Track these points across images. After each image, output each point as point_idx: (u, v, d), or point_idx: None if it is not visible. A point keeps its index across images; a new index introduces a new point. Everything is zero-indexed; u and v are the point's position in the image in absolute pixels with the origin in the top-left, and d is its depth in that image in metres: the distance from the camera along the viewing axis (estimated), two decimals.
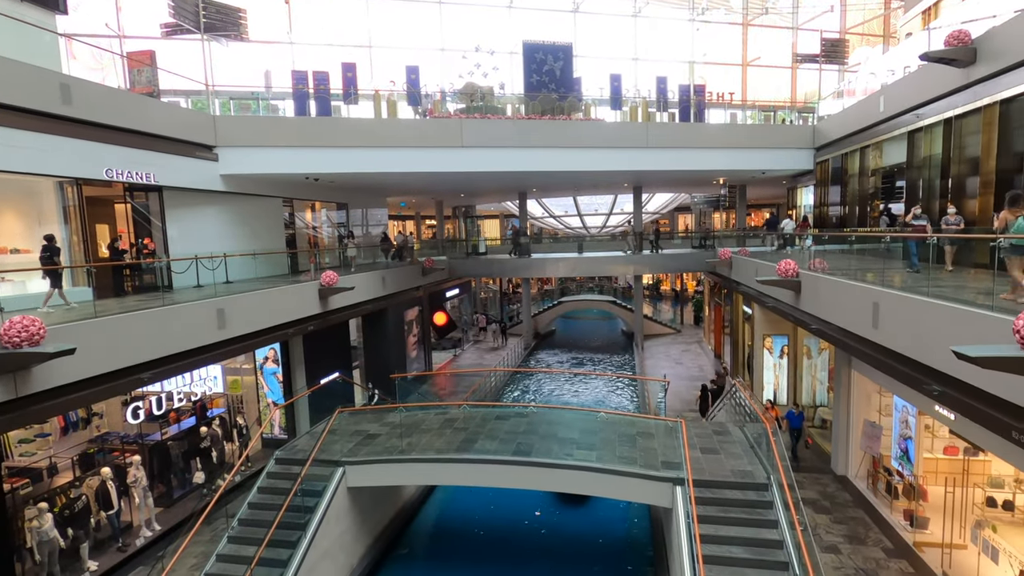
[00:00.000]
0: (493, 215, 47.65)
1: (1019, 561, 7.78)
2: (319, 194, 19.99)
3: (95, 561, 10.16)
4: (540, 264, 26.69)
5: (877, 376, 10.50)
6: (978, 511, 9.00)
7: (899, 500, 10.49)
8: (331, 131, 16.56)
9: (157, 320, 9.76)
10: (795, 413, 13.83)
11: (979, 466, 9.38)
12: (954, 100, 11.42)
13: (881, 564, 9.63)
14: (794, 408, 14.15)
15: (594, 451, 10.80)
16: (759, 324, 17.68)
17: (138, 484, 11.12)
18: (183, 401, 13.66)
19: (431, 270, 22.29)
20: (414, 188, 24.92)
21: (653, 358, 26.14)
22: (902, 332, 7.86)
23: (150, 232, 13.42)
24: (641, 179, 24.31)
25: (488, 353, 28.61)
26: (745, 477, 9.61)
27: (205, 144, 14.77)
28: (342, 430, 12.52)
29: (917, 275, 9.92)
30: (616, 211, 41.61)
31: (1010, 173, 9.96)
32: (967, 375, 6.15)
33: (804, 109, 26.24)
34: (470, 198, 33.79)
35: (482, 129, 17.52)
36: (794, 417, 13.72)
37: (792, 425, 13.64)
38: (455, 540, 13.17)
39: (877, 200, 15.44)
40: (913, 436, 10.00)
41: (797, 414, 13.80)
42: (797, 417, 13.73)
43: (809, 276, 11.60)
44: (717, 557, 8.08)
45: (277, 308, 12.95)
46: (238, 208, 16.05)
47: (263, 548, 8.96)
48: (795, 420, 13.69)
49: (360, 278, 16.44)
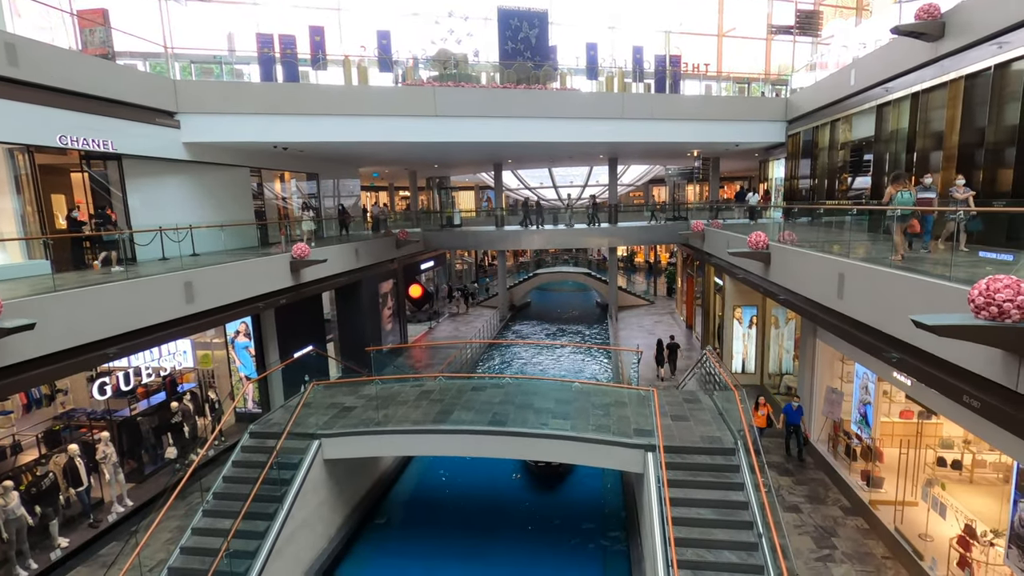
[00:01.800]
0: (468, 186, 47.12)
1: (964, 516, 8.29)
2: (288, 164, 19.43)
3: (66, 538, 10.04)
4: (515, 236, 26.62)
5: (840, 345, 10.89)
6: (929, 470, 9.53)
7: (857, 462, 11.03)
8: (299, 98, 15.99)
9: (121, 294, 9.46)
10: (793, 407, 12.19)
11: (931, 428, 9.90)
12: (922, 74, 11.62)
13: (839, 522, 10.18)
14: (792, 401, 12.50)
15: (569, 420, 11.02)
16: (729, 295, 18.07)
17: (108, 460, 10.94)
18: (152, 376, 13.40)
19: (405, 242, 22.04)
20: (386, 158, 24.39)
21: (627, 329, 26.56)
22: (865, 302, 8.13)
23: (110, 203, 12.89)
24: (617, 150, 24.27)
25: (464, 325, 28.66)
26: (713, 443, 9.95)
27: (166, 110, 14.14)
28: (317, 403, 12.48)
29: (882, 246, 10.18)
30: (592, 183, 41.59)
31: (971, 148, 10.24)
32: (924, 343, 6.42)
33: (777, 82, 26.37)
34: (444, 169, 33.30)
35: (456, 98, 17.16)
36: (791, 412, 12.17)
37: (790, 421, 12.24)
38: (432, 509, 13.39)
39: (845, 173, 15.75)
40: (872, 401, 10.46)
41: (795, 408, 12.18)
42: (795, 412, 12.14)
43: (778, 248, 11.85)
44: (686, 518, 8.40)
45: (247, 281, 12.67)
46: (203, 178, 15.51)
47: (239, 520, 8.96)
48: (793, 416, 12.16)
49: (333, 250, 16.17)
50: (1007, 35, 9.19)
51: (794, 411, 12.16)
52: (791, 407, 12.23)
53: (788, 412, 12.26)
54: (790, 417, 12.19)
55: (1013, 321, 4.77)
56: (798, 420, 12.16)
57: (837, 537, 9.71)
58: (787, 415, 12.26)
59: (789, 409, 12.26)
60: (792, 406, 12.23)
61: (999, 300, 4.77)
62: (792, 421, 12.18)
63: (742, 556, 7.94)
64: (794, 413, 12.17)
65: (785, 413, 12.36)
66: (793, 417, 12.16)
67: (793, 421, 12.17)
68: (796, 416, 12.16)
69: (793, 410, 12.17)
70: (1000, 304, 4.77)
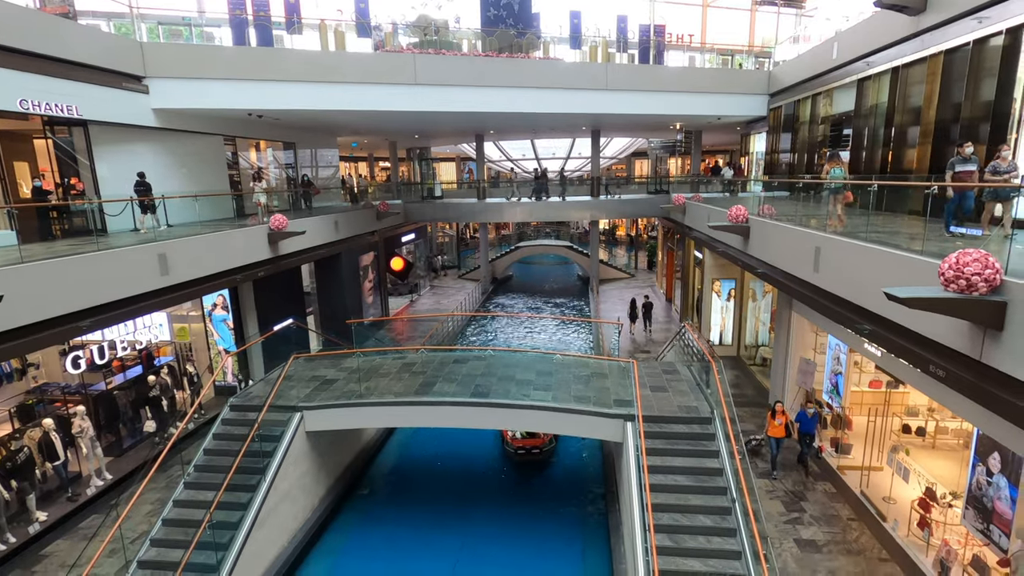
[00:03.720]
0: (449, 157, 46.47)
1: (926, 479, 8.70)
2: (264, 132, 18.87)
3: (44, 512, 9.97)
4: (497, 209, 26.45)
5: (815, 317, 11.15)
6: (894, 437, 9.93)
7: (827, 429, 11.42)
8: (273, 63, 15.45)
9: (92, 266, 9.20)
10: (808, 414, 10.80)
11: (899, 397, 10.27)
12: (902, 49, 11.66)
13: (808, 486, 10.60)
14: (808, 407, 10.97)
15: (550, 391, 11.16)
16: (709, 268, 18.30)
17: (84, 434, 10.82)
18: (127, 350, 13.18)
19: (386, 214, 21.73)
20: (365, 128, 23.84)
21: (608, 302, 26.81)
22: (839, 275, 8.30)
23: (77, 171, 12.42)
24: (600, 122, 24.07)
25: (446, 298, 28.63)
26: (691, 412, 10.20)
27: (133, 74, 13.56)
28: (298, 376, 12.43)
29: (857, 220, 10.34)
30: (574, 155, 41.33)
31: (948, 123, 10.38)
32: (894, 315, 6.61)
33: (761, 54, 26.30)
34: (425, 139, 32.72)
35: (437, 66, 16.74)
36: (806, 420, 10.82)
37: (804, 429, 10.87)
38: (415, 479, 13.58)
39: (825, 148, 15.87)
40: (843, 372, 10.79)
41: (811, 415, 10.80)
42: (810, 420, 10.81)
43: (758, 222, 11.97)
44: (663, 485, 8.66)
45: (224, 253, 12.42)
46: (175, 146, 15.01)
47: (222, 492, 8.97)
48: (807, 423, 10.84)
49: (311, 222, 15.89)
50: (987, 10, 9.25)
51: (809, 419, 10.75)
52: (805, 414, 10.84)
53: (802, 419, 10.85)
54: (804, 425, 10.81)
55: (980, 294, 4.93)
56: (813, 428, 10.80)
57: (806, 501, 10.12)
58: (800, 423, 10.89)
59: (804, 416, 10.85)
60: (807, 413, 10.79)
61: (968, 274, 4.91)
62: (806, 430, 10.81)
63: (716, 520, 8.23)
64: (809, 421, 10.76)
65: (799, 421, 10.96)
66: (808, 425, 10.78)
67: (807, 430, 10.80)
68: (811, 424, 10.78)
69: (808, 417, 10.75)
70: (968, 277, 4.91)
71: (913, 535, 8.53)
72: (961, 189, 7.58)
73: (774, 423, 10.79)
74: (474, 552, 10.81)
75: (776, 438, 10.83)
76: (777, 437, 10.83)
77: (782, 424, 10.77)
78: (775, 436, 10.82)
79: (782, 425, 10.78)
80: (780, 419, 10.78)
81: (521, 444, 13.33)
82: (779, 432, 10.80)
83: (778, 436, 10.81)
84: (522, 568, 10.36)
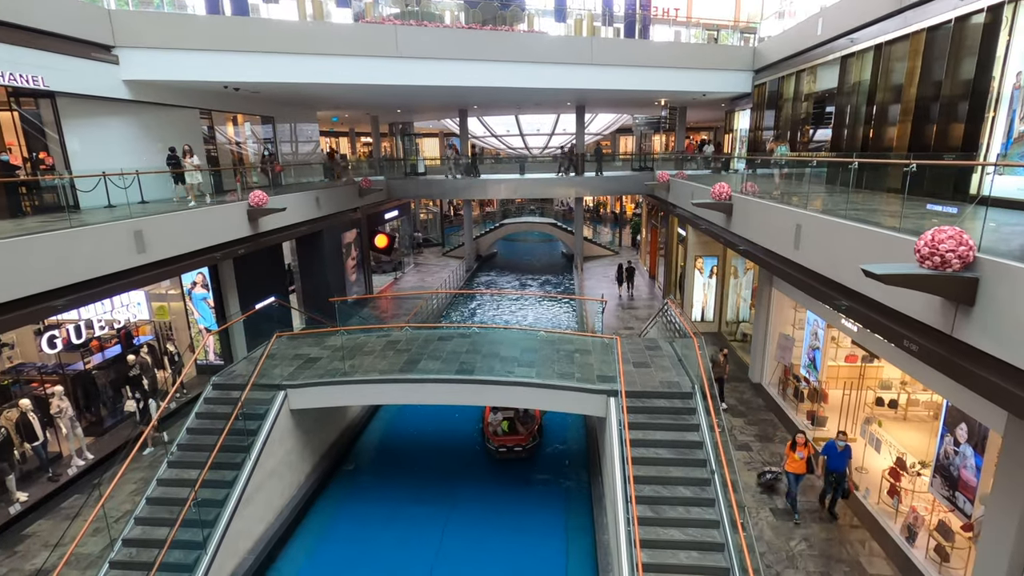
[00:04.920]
0: (432, 133, 45.78)
1: (896, 450, 9.01)
2: (241, 106, 18.36)
3: (24, 492, 9.88)
4: (482, 186, 26.22)
5: (795, 293, 11.34)
6: (868, 409, 10.23)
7: (804, 403, 11.73)
8: (249, 34, 14.93)
9: (66, 243, 8.96)
10: (838, 448, 8.81)
11: (873, 371, 10.56)
12: (886, 26, 11.66)
13: (783, 457, 10.89)
14: (839, 439, 8.91)
15: (534, 368, 11.26)
16: (692, 246, 18.44)
17: (63, 415, 10.67)
18: (105, 329, 12.95)
19: (368, 191, 21.44)
20: (346, 102, 23.32)
21: (592, 279, 26.94)
22: (819, 253, 8.43)
23: (46, 145, 12.00)
24: (585, 97, 23.82)
25: (430, 276, 28.52)
26: (672, 387, 10.39)
27: (102, 43, 13.03)
28: (281, 354, 12.36)
29: (837, 198, 10.49)
30: (559, 131, 40.97)
31: (928, 101, 10.46)
32: (871, 291, 6.75)
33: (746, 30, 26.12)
34: (408, 114, 32.14)
35: (419, 38, 16.35)
36: (836, 454, 8.83)
37: (831, 466, 8.89)
38: (400, 455, 13.70)
39: (807, 125, 15.94)
40: (820, 347, 11.04)
41: (841, 449, 8.80)
42: (840, 455, 8.81)
43: (740, 199, 12.05)
44: (645, 458, 8.85)
45: (202, 230, 12.17)
46: (148, 119, 14.54)
47: (206, 470, 8.97)
48: (837, 459, 8.83)
49: (292, 199, 15.60)
50: None
51: (839, 453, 8.81)
52: (834, 447, 8.85)
53: (830, 453, 8.90)
54: (832, 461, 8.88)
55: (954, 270, 5.04)
56: (843, 466, 8.83)
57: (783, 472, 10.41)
58: (828, 457, 8.94)
59: (832, 450, 8.87)
60: (836, 446, 8.83)
61: (942, 251, 5.02)
62: (835, 467, 8.87)
63: (695, 491, 8.47)
64: (838, 456, 8.81)
65: (825, 454, 8.99)
66: (837, 461, 8.84)
67: (837, 467, 8.86)
68: (841, 460, 8.82)
69: (838, 452, 8.82)
70: (943, 254, 5.02)
71: (883, 503, 8.87)
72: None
73: (794, 456, 9.08)
74: (460, 523, 11.01)
75: (796, 474, 9.15)
76: (797, 473, 9.14)
77: (804, 458, 9.05)
78: (794, 472, 9.14)
79: (803, 460, 9.05)
80: (801, 452, 9.05)
81: (502, 442, 12.94)
82: (799, 467, 9.10)
83: (798, 472, 9.12)
84: (507, 538, 10.59)
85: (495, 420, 13.48)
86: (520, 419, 13.58)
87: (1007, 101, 8.54)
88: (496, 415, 13.59)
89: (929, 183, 9.23)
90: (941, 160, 9.52)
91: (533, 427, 13.40)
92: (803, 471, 9.15)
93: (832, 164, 12.65)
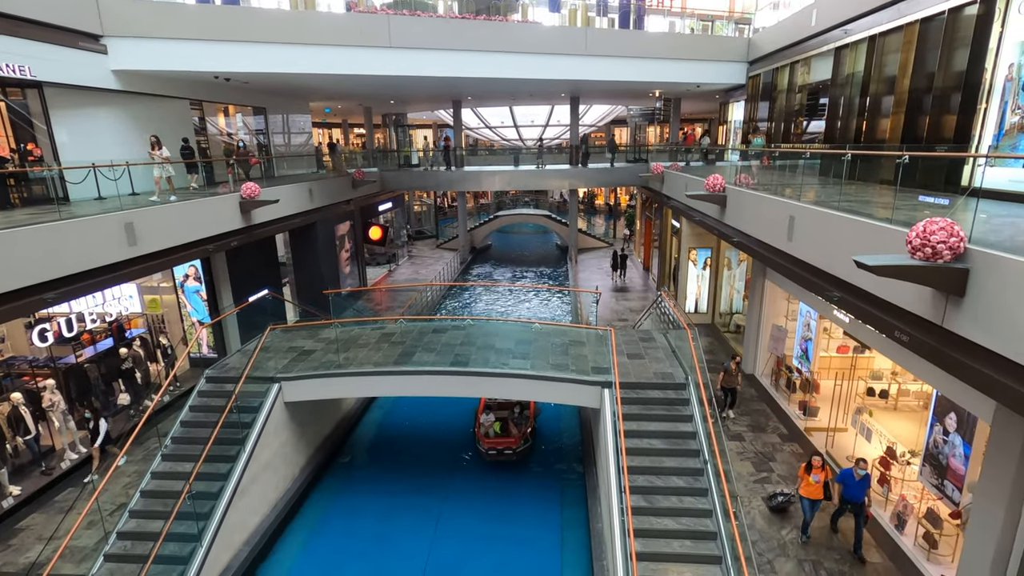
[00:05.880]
0: (426, 124, 45.50)
1: (887, 439, 9.11)
2: (232, 97, 18.16)
3: (17, 486, 9.84)
4: (476, 177, 26.13)
5: (788, 285, 11.40)
6: (859, 400, 10.34)
7: (796, 393, 11.83)
8: (239, 23, 14.75)
9: (55, 236, 8.86)
10: (856, 476, 7.96)
11: (864, 362, 10.66)
12: (879, 17, 11.66)
13: (776, 447, 11.02)
14: (857, 467, 7.99)
15: (529, 359, 11.29)
16: (686, 237, 18.47)
17: (55, 408, 10.62)
18: (96, 322, 12.86)
19: (362, 183, 21.32)
20: (339, 92, 23.11)
21: (586, 271, 26.97)
22: (812, 244, 8.47)
23: (34, 136, 11.84)
24: (579, 89, 23.73)
25: (424, 268, 28.45)
26: (666, 378, 10.44)
27: (90, 33, 12.84)
28: (275, 347, 12.32)
29: (831, 190, 10.51)
30: (553, 123, 40.81)
31: (921, 92, 10.48)
32: (863, 282, 6.79)
33: (741, 21, 26.01)
34: (401, 105, 31.90)
35: (412, 28, 16.20)
36: (853, 484, 7.99)
37: (848, 496, 8.09)
38: (395, 447, 13.73)
39: (801, 117, 15.96)
40: (813, 338, 11.12)
41: (860, 478, 7.95)
42: (858, 484, 7.97)
43: (734, 191, 12.07)
44: (639, 449, 8.91)
45: (194, 222, 12.07)
46: (138, 110, 14.37)
47: (200, 463, 8.95)
48: (855, 488, 8.00)
49: (285, 191, 15.50)
50: None
51: (857, 481, 7.98)
52: (851, 475, 8.00)
53: (846, 481, 8.08)
54: (849, 490, 8.07)
55: (944, 261, 5.08)
56: (861, 496, 8.02)
57: (774, 461, 10.54)
58: (844, 484, 8.13)
59: (849, 477, 8.04)
60: (854, 474, 7.98)
61: (933, 242, 5.05)
62: (852, 496, 8.07)
63: (689, 481, 8.54)
64: (856, 485, 7.98)
65: (841, 482, 8.20)
66: (854, 491, 8.02)
67: (854, 497, 8.05)
68: (859, 490, 8.00)
69: (855, 480, 7.98)
70: (934, 245, 5.05)
71: (873, 491, 8.98)
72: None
73: (809, 480, 8.35)
74: (456, 512, 11.07)
75: (811, 499, 8.43)
76: (813, 498, 8.42)
77: (820, 482, 8.32)
78: (810, 497, 8.41)
79: (820, 484, 8.33)
80: (818, 476, 8.33)
81: (493, 444, 12.47)
82: (815, 492, 8.37)
83: (814, 497, 8.40)
84: (502, 528, 10.65)
85: (487, 421, 12.84)
86: (513, 420, 13.02)
87: (999, 93, 8.56)
88: (488, 416, 12.93)
89: (921, 175, 9.28)
90: (933, 152, 9.56)
91: (526, 429, 12.89)
92: (819, 496, 8.36)
93: (825, 156, 12.68)
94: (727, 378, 11.97)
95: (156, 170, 12.44)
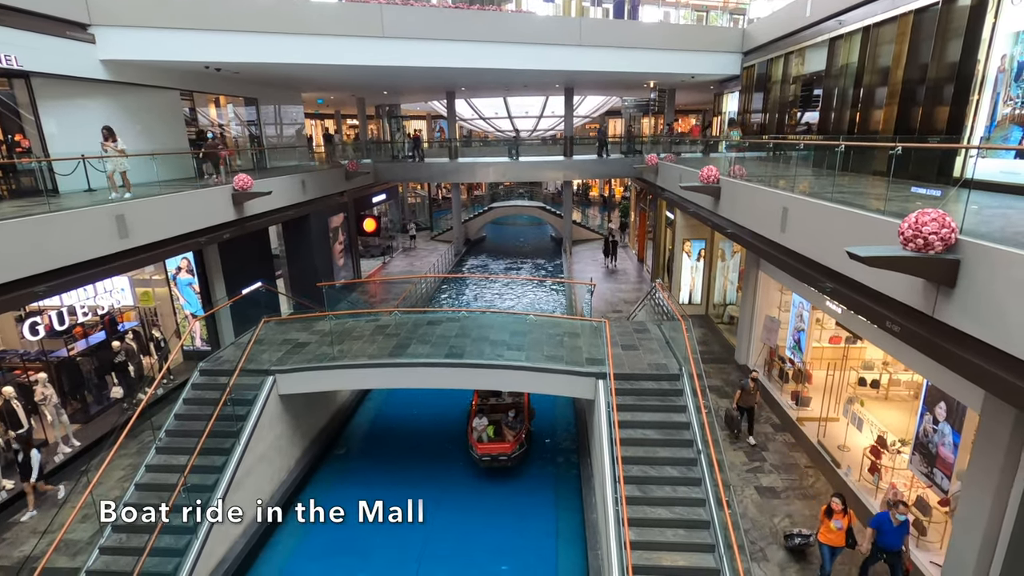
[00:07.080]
0: (420, 115, 45.18)
1: (878, 428, 9.21)
2: (223, 87, 17.96)
3: (10, 480, 9.80)
4: (470, 169, 26.03)
5: (781, 276, 11.45)
6: (851, 390, 10.44)
7: (788, 384, 11.93)
8: (229, 12, 14.54)
9: (45, 228, 8.77)
10: (893, 522, 6.86)
11: (856, 352, 10.74)
12: (874, 7, 11.64)
13: (769, 437, 11.12)
14: (897, 511, 6.89)
15: (524, 351, 11.31)
16: (680, 229, 18.51)
17: (48, 402, 10.57)
18: (88, 315, 12.78)
19: (355, 174, 21.18)
20: (331, 83, 22.88)
21: (581, 262, 26.99)
22: (805, 235, 8.50)
23: (21, 127, 11.69)
24: (573, 80, 23.60)
25: (418, 260, 28.38)
26: (660, 369, 10.50)
27: (77, 21, 12.64)
28: (269, 340, 12.29)
29: (824, 181, 10.53)
30: (547, 114, 40.64)
31: (914, 84, 10.51)
32: (855, 273, 6.83)
33: (735, 11, 25.95)
34: (395, 96, 31.65)
35: (405, 18, 16.04)
36: (891, 530, 6.89)
37: (884, 544, 6.98)
38: (390, 439, 13.75)
39: (795, 108, 15.96)
40: (805, 328, 11.20)
41: (898, 524, 6.86)
42: (896, 530, 6.89)
43: (728, 182, 12.09)
44: (633, 439, 8.97)
45: (186, 214, 11.97)
46: (128, 101, 14.19)
47: (195, 456, 8.95)
48: (892, 536, 6.92)
49: (277, 182, 15.37)
50: None
51: (894, 528, 6.89)
52: (888, 519, 6.90)
53: (882, 527, 6.95)
54: (884, 537, 6.95)
55: (936, 252, 5.12)
56: (899, 543, 6.94)
57: (767, 451, 10.64)
58: (879, 531, 6.97)
59: (886, 523, 6.92)
60: (892, 519, 6.88)
61: (925, 233, 5.08)
62: (889, 545, 6.97)
63: (682, 471, 8.62)
64: (894, 531, 6.90)
65: (875, 527, 6.99)
66: (892, 538, 6.93)
67: (891, 545, 6.96)
68: (897, 537, 6.92)
69: (893, 527, 6.88)
70: (926, 236, 5.08)
71: (864, 480, 9.10)
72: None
73: (830, 524, 7.28)
74: (451, 503, 11.11)
75: (831, 546, 7.38)
76: (833, 546, 7.36)
77: (842, 529, 7.26)
78: (830, 544, 7.36)
79: (843, 530, 7.27)
80: (839, 521, 7.24)
81: (487, 451, 11.84)
82: (836, 540, 7.31)
83: (834, 544, 7.35)
84: (498, 519, 10.72)
85: (480, 425, 12.23)
86: (508, 424, 12.47)
87: (991, 84, 8.59)
88: (481, 419, 12.32)
89: (914, 166, 9.30)
90: (926, 143, 9.59)
91: (521, 433, 12.35)
92: (841, 544, 7.33)
93: (819, 147, 12.70)
94: (744, 396, 10.81)
95: (109, 165, 11.17)
